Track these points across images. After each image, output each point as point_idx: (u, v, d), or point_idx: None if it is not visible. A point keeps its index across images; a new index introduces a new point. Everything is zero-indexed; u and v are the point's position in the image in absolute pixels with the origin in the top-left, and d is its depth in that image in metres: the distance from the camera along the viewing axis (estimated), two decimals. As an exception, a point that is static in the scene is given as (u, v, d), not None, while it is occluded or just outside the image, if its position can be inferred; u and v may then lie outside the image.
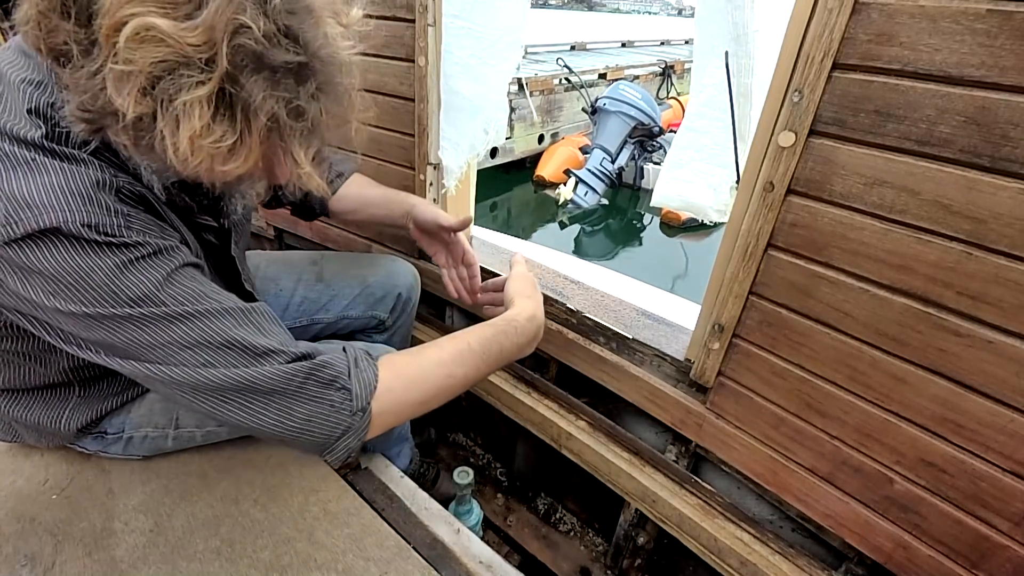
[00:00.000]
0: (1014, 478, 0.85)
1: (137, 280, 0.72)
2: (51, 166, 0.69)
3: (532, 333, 1.06)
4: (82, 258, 0.69)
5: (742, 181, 1.04)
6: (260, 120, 0.64)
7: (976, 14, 0.71)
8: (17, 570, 0.98)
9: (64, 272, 0.68)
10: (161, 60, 0.58)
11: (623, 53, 13.57)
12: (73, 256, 0.68)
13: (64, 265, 0.68)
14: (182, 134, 0.61)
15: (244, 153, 0.66)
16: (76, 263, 0.69)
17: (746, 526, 1.23)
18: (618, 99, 6.82)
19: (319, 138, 0.73)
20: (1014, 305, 0.78)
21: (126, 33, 0.56)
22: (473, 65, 1.38)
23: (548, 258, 1.77)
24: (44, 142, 0.69)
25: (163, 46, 0.57)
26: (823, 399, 1.02)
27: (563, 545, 1.79)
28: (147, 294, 0.73)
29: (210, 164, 0.65)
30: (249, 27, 0.59)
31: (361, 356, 0.88)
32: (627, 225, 7.22)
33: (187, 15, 0.57)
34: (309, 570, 1.02)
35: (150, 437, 1.14)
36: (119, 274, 0.71)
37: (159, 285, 0.74)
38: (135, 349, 0.75)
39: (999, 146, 0.74)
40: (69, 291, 0.69)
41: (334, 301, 1.41)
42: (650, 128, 6.90)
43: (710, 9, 1.08)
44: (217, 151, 0.63)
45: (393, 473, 1.27)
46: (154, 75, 0.58)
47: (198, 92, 0.59)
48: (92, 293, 0.70)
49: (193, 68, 0.59)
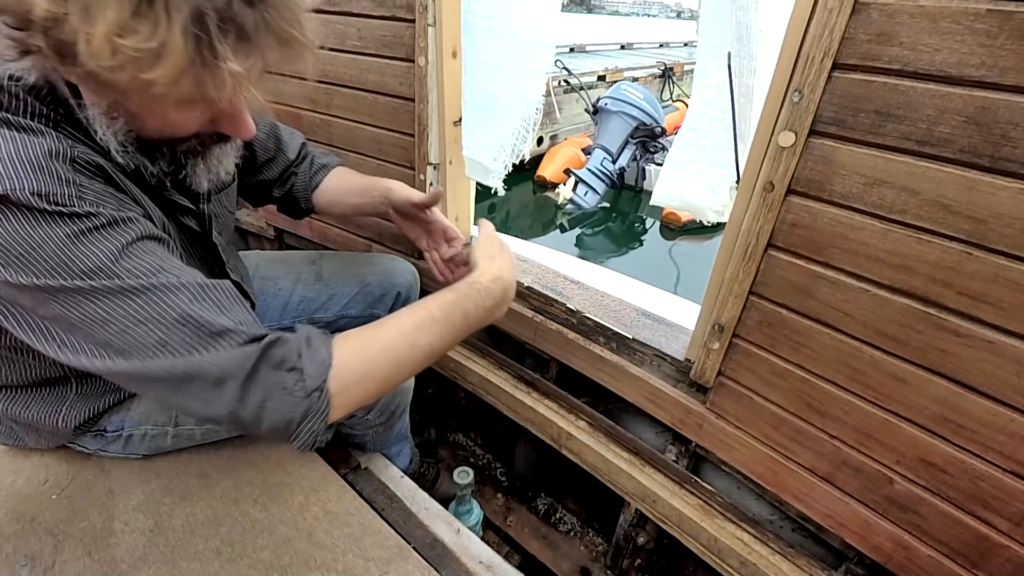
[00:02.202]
0: (1014, 478, 0.85)
1: (89, 251, 0.69)
2: (3, 135, 0.67)
3: (498, 295, 0.99)
4: (32, 227, 0.66)
5: (742, 181, 1.04)
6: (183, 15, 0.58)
7: (976, 14, 0.71)
8: (17, 570, 0.98)
9: (13, 242, 0.65)
10: None
11: (622, 55, 13.58)
12: (23, 225, 0.66)
13: (13, 234, 0.65)
14: (97, 29, 0.56)
15: (170, 59, 0.60)
16: (26, 232, 0.66)
17: (746, 526, 1.23)
18: (620, 99, 6.80)
19: (259, 55, 0.67)
20: (1014, 305, 0.78)
21: None
22: (506, 65, 1.37)
23: (548, 258, 1.76)
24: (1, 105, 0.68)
25: None
26: (823, 399, 1.02)
27: (563, 545, 1.79)
28: (100, 266, 0.69)
29: (133, 71, 0.60)
30: None
31: (315, 335, 0.81)
32: (628, 228, 7.21)
33: None
34: (309, 570, 1.02)
35: (150, 435, 1.14)
36: (71, 245, 0.68)
37: (113, 257, 0.70)
38: (88, 326, 0.70)
39: (999, 146, 0.74)
40: (20, 262, 0.66)
41: (333, 300, 1.41)
42: (652, 129, 6.88)
43: (714, 10, 1.08)
44: (140, 54, 0.59)
45: (393, 473, 1.27)
46: None
47: None
48: (43, 264, 0.67)
49: None
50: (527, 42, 1.36)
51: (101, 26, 0.56)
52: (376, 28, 1.47)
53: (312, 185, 1.34)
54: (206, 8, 0.59)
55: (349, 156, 1.76)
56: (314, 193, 1.34)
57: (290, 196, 1.34)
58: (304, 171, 1.33)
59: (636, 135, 6.91)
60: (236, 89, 0.67)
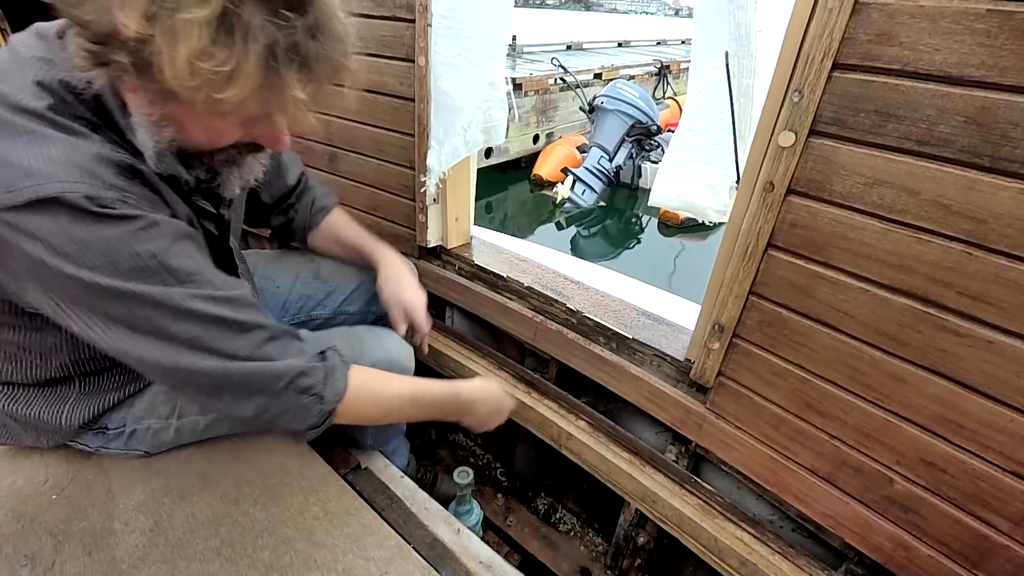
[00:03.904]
0: (1014, 478, 0.86)
1: (136, 252, 0.74)
2: (54, 137, 0.71)
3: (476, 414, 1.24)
4: (82, 228, 0.71)
5: (742, 181, 1.04)
6: (258, 45, 0.65)
7: (976, 14, 0.71)
8: (17, 570, 0.98)
9: (67, 239, 0.71)
10: None
11: (619, 53, 13.55)
12: (74, 224, 0.70)
13: (66, 232, 0.70)
14: (180, 52, 0.62)
15: (241, 81, 0.66)
16: (76, 231, 0.71)
17: (746, 526, 1.23)
18: (616, 97, 6.80)
19: (316, 81, 0.74)
20: (1014, 305, 0.78)
21: None
22: (459, 65, 1.38)
23: (548, 258, 1.77)
24: (47, 113, 0.72)
25: None
26: (823, 399, 1.03)
27: (563, 545, 1.79)
28: (145, 266, 0.75)
29: (208, 91, 0.66)
30: None
31: (338, 365, 0.97)
32: (625, 225, 7.21)
33: None
34: (309, 570, 1.02)
35: (153, 429, 1.14)
36: (118, 244, 0.73)
37: (159, 260, 0.76)
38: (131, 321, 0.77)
39: (999, 146, 0.74)
40: (72, 257, 0.71)
41: (331, 297, 1.42)
42: (648, 127, 6.88)
43: (710, 9, 1.08)
44: (215, 76, 0.64)
45: (393, 473, 1.27)
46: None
47: (198, 12, 0.61)
48: (94, 261, 0.72)
49: None
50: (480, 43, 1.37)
51: (184, 49, 0.62)
52: (376, 28, 1.47)
53: (311, 225, 1.41)
54: (278, 39, 0.66)
55: (349, 156, 1.76)
56: (310, 233, 1.42)
57: (287, 229, 1.42)
58: (304, 208, 1.39)
59: (632, 133, 6.91)
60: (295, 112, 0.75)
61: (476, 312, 1.69)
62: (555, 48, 11.82)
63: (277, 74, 0.68)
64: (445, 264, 1.76)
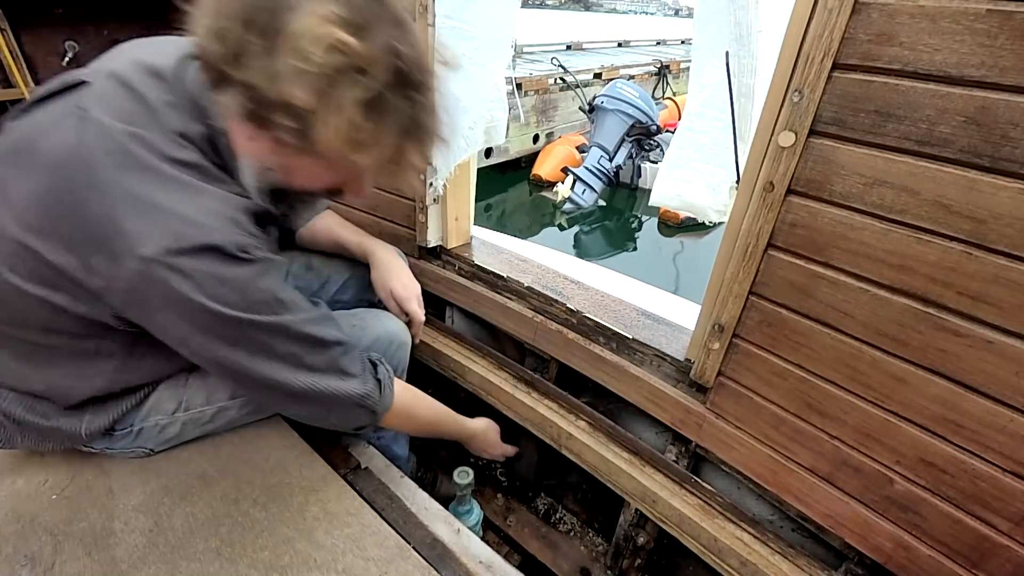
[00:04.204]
0: (1014, 478, 0.86)
1: (261, 288, 0.88)
2: (207, 191, 0.83)
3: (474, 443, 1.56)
4: (227, 270, 0.83)
5: (742, 181, 1.04)
6: (396, 121, 0.81)
7: (976, 14, 0.71)
8: (17, 570, 0.98)
9: (214, 279, 0.82)
10: (338, 65, 0.73)
11: (619, 53, 13.55)
12: (223, 267, 0.82)
13: (215, 274, 0.82)
14: (335, 123, 0.76)
15: (378, 149, 0.82)
16: (223, 272, 0.83)
17: (746, 526, 1.23)
18: (616, 97, 6.80)
19: (427, 148, 0.89)
20: (1014, 305, 0.78)
21: (321, 44, 0.71)
22: (465, 66, 1.38)
23: (548, 258, 1.77)
24: (196, 163, 0.84)
25: (343, 56, 0.73)
26: (823, 399, 1.03)
27: (563, 545, 1.80)
28: (266, 300, 0.89)
29: (348, 154, 0.80)
30: (402, 52, 0.77)
31: (387, 383, 1.13)
32: (624, 225, 7.21)
33: (364, 35, 0.74)
34: (309, 570, 1.02)
35: (160, 426, 1.15)
36: (249, 283, 0.86)
37: (274, 294, 0.90)
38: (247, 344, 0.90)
39: (999, 146, 0.74)
40: (214, 294, 0.82)
41: (325, 287, 1.44)
42: (647, 127, 6.89)
43: (710, 9, 1.08)
44: (358, 143, 0.80)
45: (393, 473, 1.27)
46: (329, 75, 0.73)
47: (357, 93, 0.75)
48: (228, 297, 0.84)
49: (357, 73, 0.74)
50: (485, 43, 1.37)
51: (342, 121, 0.76)
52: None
53: (298, 224, 1.45)
54: (415, 119, 0.83)
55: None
56: (296, 233, 1.47)
57: None
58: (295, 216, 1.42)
59: (632, 133, 6.91)
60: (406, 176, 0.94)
61: (476, 312, 1.69)
62: (555, 48, 11.82)
63: (403, 145, 0.84)
64: (445, 264, 1.76)
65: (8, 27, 1.94)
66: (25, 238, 0.81)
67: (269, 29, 0.73)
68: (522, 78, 7.81)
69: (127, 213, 0.77)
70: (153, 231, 0.78)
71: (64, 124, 0.80)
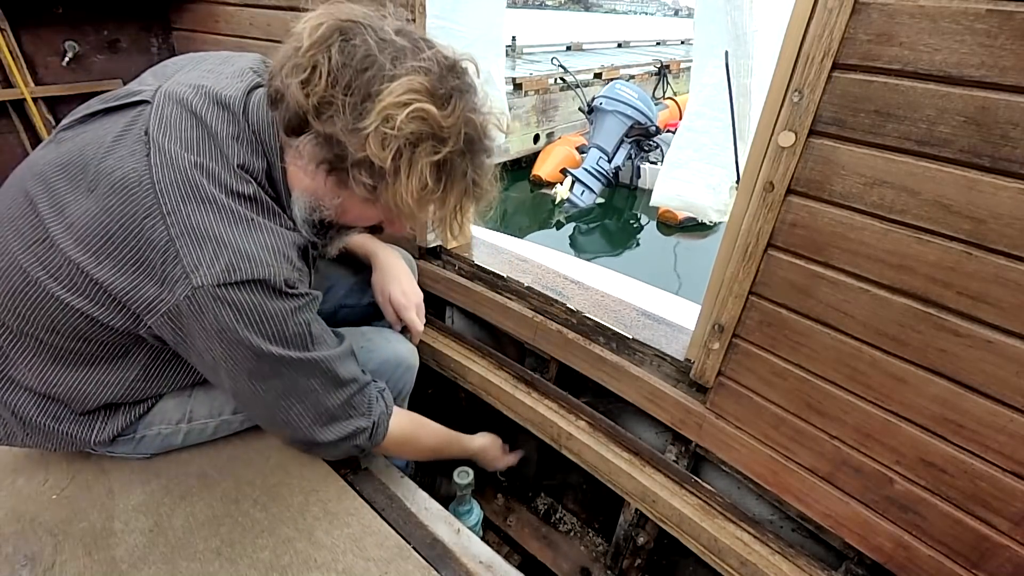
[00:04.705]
0: (1014, 478, 0.86)
1: (297, 322, 0.91)
2: (263, 226, 0.87)
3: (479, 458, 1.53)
4: (271, 303, 0.86)
5: (742, 181, 1.04)
6: (459, 184, 0.88)
7: (976, 14, 0.71)
8: (17, 570, 0.98)
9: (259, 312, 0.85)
10: (419, 131, 0.79)
11: (619, 53, 13.55)
12: (268, 300, 0.86)
13: (260, 307, 0.85)
14: (410, 183, 0.82)
15: (438, 206, 0.90)
16: (267, 305, 0.86)
17: (746, 526, 1.23)
18: (615, 98, 6.79)
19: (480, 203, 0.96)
20: (1014, 305, 0.78)
21: (408, 112, 0.77)
22: None
23: (548, 258, 1.76)
24: (254, 197, 0.88)
25: (424, 123, 0.79)
26: (823, 399, 1.03)
27: (563, 545, 1.80)
28: (300, 334, 0.91)
29: (411, 207, 0.85)
30: (473, 121, 0.85)
31: (383, 420, 1.11)
32: (624, 225, 7.20)
33: (444, 105, 0.80)
34: (309, 570, 1.02)
35: (163, 434, 1.15)
36: (288, 317, 0.89)
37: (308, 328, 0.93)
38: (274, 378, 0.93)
39: (999, 146, 0.74)
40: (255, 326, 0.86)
41: (331, 292, 1.42)
42: (647, 127, 6.87)
43: (709, 10, 1.08)
44: (425, 200, 0.86)
45: (393, 473, 1.27)
46: (409, 140, 0.79)
47: (433, 157, 0.81)
48: (267, 330, 0.87)
49: (435, 140, 0.81)
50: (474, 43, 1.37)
51: (414, 181, 0.82)
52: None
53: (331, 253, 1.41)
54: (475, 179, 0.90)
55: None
56: None
57: None
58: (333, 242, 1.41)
59: (631, 134, 6.90)
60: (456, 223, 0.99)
61: (476, 312, 1.69)
62: (555, 49, 11.83)
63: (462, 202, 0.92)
64: (445, 264, 1.76)
65: (8, 27, 1.94)
66: (74, 253, 0.83)
67: (360, 92, 0.79)
68: (522, 78, 7.80)
69: (185, 243, 0.80)
70: (209, 262, 0.81)
71: (130, 148, 0.84)
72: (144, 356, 1.01)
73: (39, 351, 0.96)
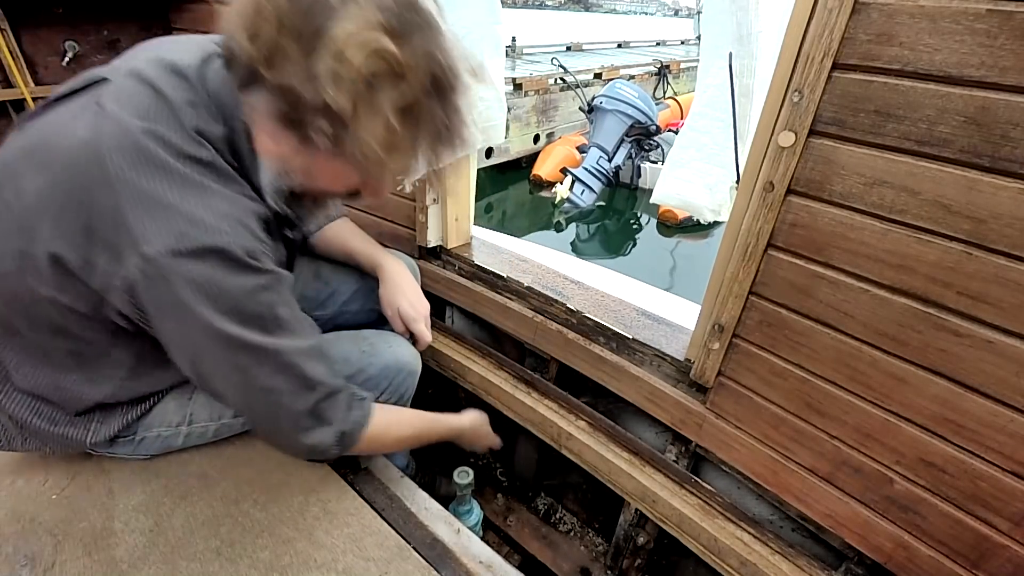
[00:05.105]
0: (1014, 478, 0.86)
1: (260, 302, 0.85)
2: (218, 191, 0.81)
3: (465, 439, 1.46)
4: (228, 276, 0.81)
5: (742, 181, 1.04)
6: (430, 128, 0.81)
7: (976, 14, 0.71)
8: (17, 570, 0.98)
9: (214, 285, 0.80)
10: (379, 71, 0.73)
11: (619, 53, 13.55)
12: (224, 273, 0.80)
13: (215, 279, 0.80)
14: (371, 125, 0.75)
15: (406, 153, 0.82)
16: (224, 279, 0.80)
17: (746, 526, 1.23)
18: (615, 97, 6.78)
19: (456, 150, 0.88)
20: (1014, 305, 0.78)
21: (362, 49, 0.71)
22: None
23: (548, 258, 1.76)
24: (210, 161, 0.82)
25: (381, 61, 0.73)
26: (823, 399, 1.03)
27: (563, 545, 1.80)
28: (261, 315, 0.86)
29: (379, 155, 0.78)
30: (438, 58, 0.78)
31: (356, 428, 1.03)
32: (624, 225, 7.20)
33: (404, 42, 0.74)
34: (309, 570, 1.02)
35: (163, 436, 1.15)
36: (249, 294, 0.83)
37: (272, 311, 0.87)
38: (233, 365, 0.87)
39: (999, 146, 0.74)
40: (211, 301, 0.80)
41: (333, 298, 1.41)
42: (647, 127, 6.86)
43: (716, 10, 1.08)
44: (393, 146, 0.78)
45: (393, 473, 1.27)
46: (366, 80, 0.73)
47: (395, 97, 0.75)
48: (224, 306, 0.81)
49: (396, 79, 0.75)
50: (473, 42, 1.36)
51: (378, 124, 0.76)
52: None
53: (311, 229, 1.41)
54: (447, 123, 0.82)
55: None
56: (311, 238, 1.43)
57: None
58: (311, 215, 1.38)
59: (631, 133, 6.89)
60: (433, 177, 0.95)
61: (476, 312, 1.69)
62: (555, 49, 11.83)
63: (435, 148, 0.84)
64: (445, 264, 1.76)
65: (8, 27, 1.94)
66: (35, 232, 0.80)
67: (308, 32, 0.73)
68: (522, 78, 7.80)
69: (134, 210, 0.76)
70: (158, 230, 0.76)
71: (81, 119, 0.80)
72: (129, 354, 0.99)
73: (28, 351, 0.96)
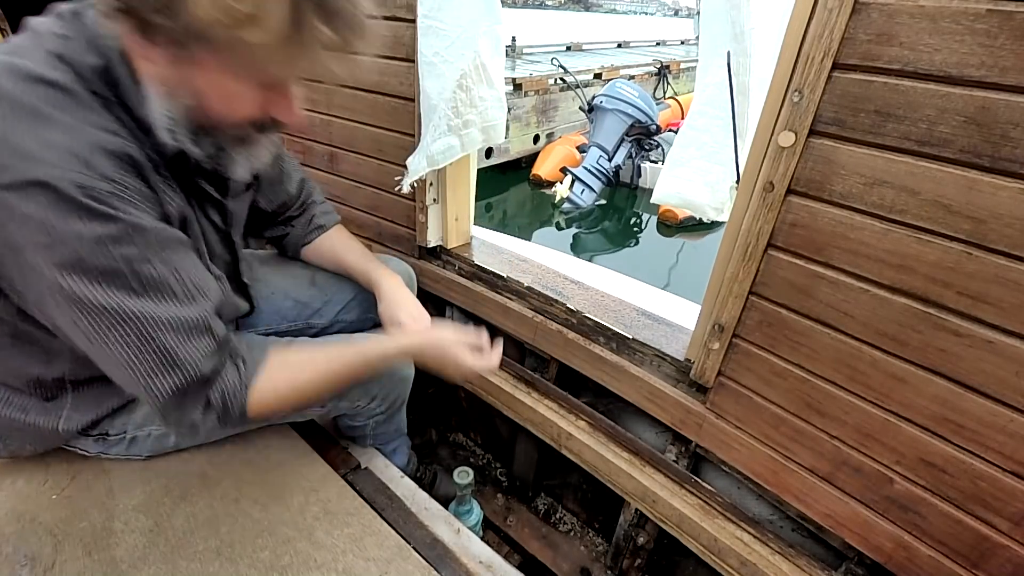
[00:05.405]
0: (1014, 478, 0.86)
1: (109, 255, 0.73)
2: (57, 121, 0.70)
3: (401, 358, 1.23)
4: (66, 220, 0.69)
5: (742, 181, 1.04)
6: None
7: (976, 14, 0.71)
8: (17, 570, 0.98)
9: (47, 228, 0.69)
10: None
11: (619, 53, 13.58)
12: (57, 213, 0.69)
13: (49, 221, 0.69)
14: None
15: (265, 18, 0.66)
16: (57, 221, 0.69)
17: (746, 526, 1.23)
18: (615, 97, 6.78)
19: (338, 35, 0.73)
20: (1014, 305, 0.78)
21: None
22: (436, 63, 1.37)
23: (548, 258, 1.77)
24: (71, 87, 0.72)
25: None
26: (823, 399, 1.03)
27: (563, 545, 1.79)
28: (112, 270, 0.74)
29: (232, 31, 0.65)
30: None
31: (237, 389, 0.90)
32: (624, 225, 7.21)
33: None
34: (309, 570, 1.02)
35: (154, 435, 1.14)
36: (94, 244, 0.72)
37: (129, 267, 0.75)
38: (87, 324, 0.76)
39: (999, 146, 0.74)
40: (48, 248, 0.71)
41: (328, 306, 1.38)
42: (647, 126, 6.86)
43: (713, 9, 1.08)
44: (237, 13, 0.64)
45: (393, 473, 1.27)
46: None
47: None
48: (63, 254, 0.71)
49: None
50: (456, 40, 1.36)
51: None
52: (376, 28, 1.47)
53: (305, 241, 1.38)
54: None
55: (349, 156, 1.76)
56: (304, 248, 1.39)
57: (280, 243, 1.40)
58: (301, 226, 1.37)
59: (631, 133, 6.89)
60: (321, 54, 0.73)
61: (476, 312, 1.69)
62: (555, 49, 11.84)
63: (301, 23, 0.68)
64: (445, 264, 1.76)
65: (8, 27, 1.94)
66: None
67: None
68: (522, 78, 7.81)
69: None
70: None
71: None
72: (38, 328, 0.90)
73: None
